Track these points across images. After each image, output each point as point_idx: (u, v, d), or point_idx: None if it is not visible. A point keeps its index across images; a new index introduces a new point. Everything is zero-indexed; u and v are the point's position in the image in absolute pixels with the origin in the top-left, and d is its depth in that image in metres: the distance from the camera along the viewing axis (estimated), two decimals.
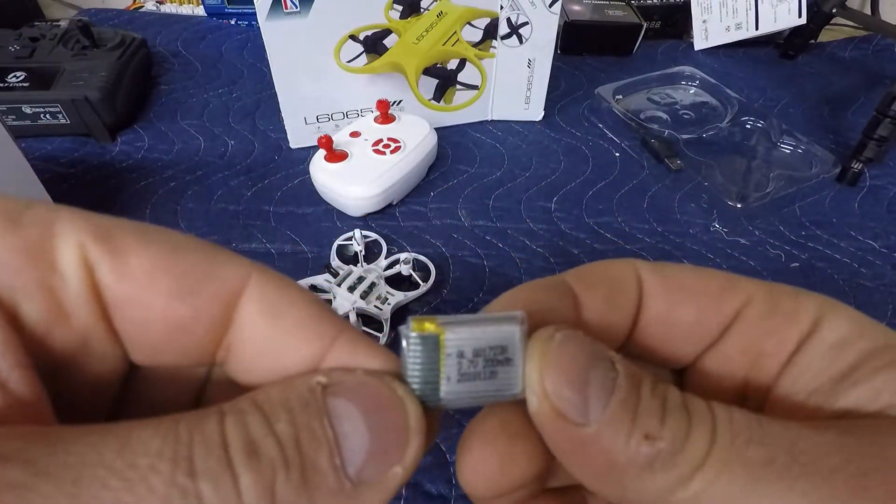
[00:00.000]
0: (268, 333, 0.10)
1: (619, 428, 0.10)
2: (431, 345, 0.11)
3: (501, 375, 0.11)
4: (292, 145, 0.49)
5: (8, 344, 0.09)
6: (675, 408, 0.11)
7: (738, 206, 0.43)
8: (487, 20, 0.46)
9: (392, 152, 0.42)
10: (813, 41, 0.67)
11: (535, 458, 0.12)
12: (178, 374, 0.12)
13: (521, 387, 0.12)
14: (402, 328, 0.11)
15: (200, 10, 0.70)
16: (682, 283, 0.13)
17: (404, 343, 0.11)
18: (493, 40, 0.47)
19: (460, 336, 0.11)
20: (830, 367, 0.12)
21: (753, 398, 0.13)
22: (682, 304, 0.13)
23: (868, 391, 0.11)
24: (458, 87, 0.50)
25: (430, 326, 0.11)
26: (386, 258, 0.39)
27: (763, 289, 0.13)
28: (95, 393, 0.10)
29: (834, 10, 0.63)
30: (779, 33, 0.67)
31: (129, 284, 0.09)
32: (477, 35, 0.47)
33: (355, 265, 0.38)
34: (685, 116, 0.55)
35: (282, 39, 0.42)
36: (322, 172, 0.42)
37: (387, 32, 0.45)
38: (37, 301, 0.09)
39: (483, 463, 0.12)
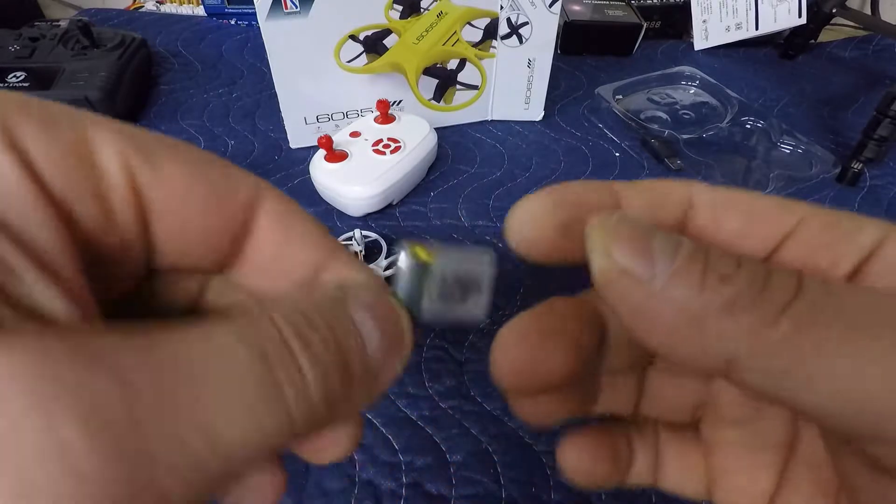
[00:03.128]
0: (280, 241, 0.11)
1: (689, 276, 0.10)
2: (421, 269, 0.13)
3: (471, 301, 0.14)
4: (292, 145, 0.49)
5: (66, 248, 0.09)
6: (751, 260, 0.10)
7: None
8: (487, 20, 0.46)
9: (392, 152, 0.42)
10: (813, 41, 0.67)
11: (568, 355, 0.13)
12: (184, 279, 0.12)
13: (485, 313, 0.14)
14: (401, 251, 0.13)
15: (200, 10, 0.70)
16: (733, 199, 0.13)
17: (401, 264, 0.13)
18: (493, 40, 0.47)
19: (444, 265, 0.13)
20: (892, 284, 0.11)
21: None
22: (728, 218, 0.12)
23: None
24: (458, 87, 0.50)
25: (422, 254, 0.13)
26: (386, 258, 0.39)
27: (822, 211, 0.12)
28: (116, 294, 0.11)
29: (834, 10, 0.63)
30: (779, 33, 0.67)
31: (168, 191, 0.10)
32: (477, 35, 0.47)
33: None
34: (685, 116, 0.55)
35: (282, 39, 0.42)
36: (322, 172, 0.42)
37: (387, 32, 0.45)
38: (88, 205, 0.09)
39: (516, 356, 0.13)
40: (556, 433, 0.30)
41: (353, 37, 0.44)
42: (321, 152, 0.42)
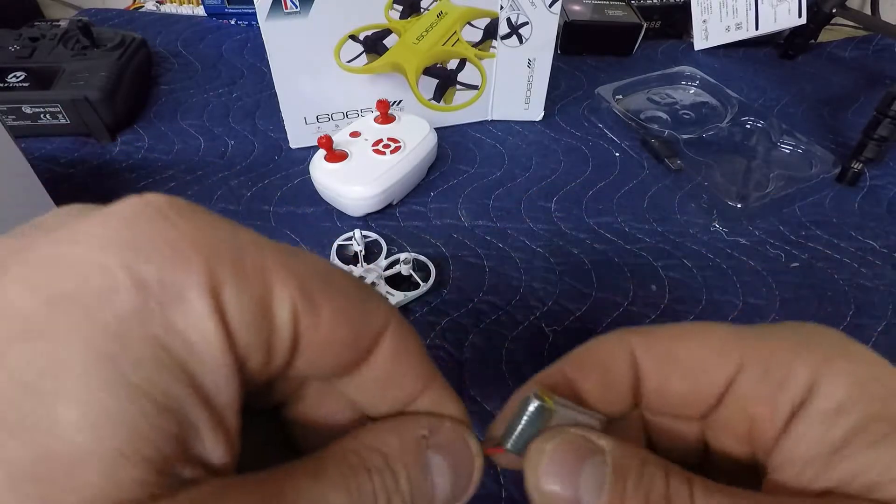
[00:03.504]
0: (393, 364, 0.13)
1: None
2: (547, 415, 0.13)
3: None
4: (292, 145, 0.49)
5: (237, 398, 0.10)
6: (657, 500, 0.12)
7: (738, 206, 0.43)
8: (487, 20, 0.46)
9: (392, 152, 0.42)
10: (813, 41, 0.67)
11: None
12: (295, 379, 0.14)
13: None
14: (530, 396, 0.14)
15: (200, 10, 0.70)
16: (674, 355, 0.14)
17: (531, 407, 0.14)
18: (493, 40, 0.47)
19: (563, 414, 0.14)
20: (824, 438, 0.12)
21: (761, 460, 0.14)
22: (674, 380, 0.14)
23: (854, 467, 0.11)
24: (458, 87, 0.50)
25: (549, 402, 0.14)
26: (386, 258, 0.39)
27: (757, 352, 0.13)
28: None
29: (834, 10, 0.63)
30: (779, 33, 0.67)
31: (321, 333, 0.11)
32: (477, 35, 0.47)
33: (355, 265, 0.38)
34: (685, 116, 0.55)
35: (282, 39, 0.42)
36: (322, 172, 0.42)
37: (387, 32, 0.45)
38: (259, 356, 0.10)
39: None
40: None
41: (353, 37, 0.44)
42: (321, 152, 0.42)
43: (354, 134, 0.44)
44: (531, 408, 0.13)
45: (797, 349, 0.13)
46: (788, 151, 0.50)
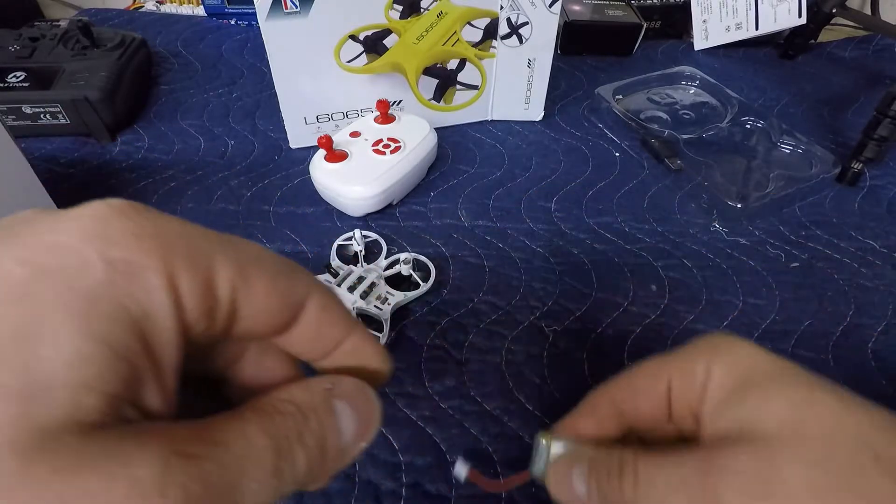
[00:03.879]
0: (317, 324, 0.16)
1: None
2: (548, 446, 0.21)
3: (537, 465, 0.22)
4: (292, 145, 0.49)
5: (179, 361, 0.13)
6: (614, 468, 0.18)
7: (738, 206, 0.43)
8: (487, 20, 0.46)
9: (392, 152, 0.42)
10: (813, 41, 0.67)
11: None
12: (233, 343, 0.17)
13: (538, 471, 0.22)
14: (543, 441, 0.21)
15: (200, 10, 0.70)
16: (635, 388, 0.21)
17: (554, 451, 0.21)
18: (493, 40, 0.47)
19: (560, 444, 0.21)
20: (715, 403, 0.18)
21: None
22: (636, 407, 0.21)
23: (733, 415, 0.17)
24: (458, 87, 0.50)
25: (548, 438, 0.21)
26: (386, 258, 0.39)
27: (674, 366, 0.19)
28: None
29: (834, 10, 0.63)
30: (779, 33, 0.67)
31: (254, 306, 0.14)
32: (477, 35, 0.47)
33: (355, 265, 0.38)
34: (685, 116, 0.55)
35: (282, 39, 0.42)
36: (322, 172, 0.42)
37: (387, 32, 0.45)
38: (203, 322, 0.13)
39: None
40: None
41: (353, 37, 0.44)
42: (321, 152, 0.42)
43: (354, 134, 0.44)
44: (541, 444, 0.21)
45: (697, 355, 0.19)
46: (788, 151, 0.50)
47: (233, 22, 0.68)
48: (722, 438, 0.17)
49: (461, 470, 0.22)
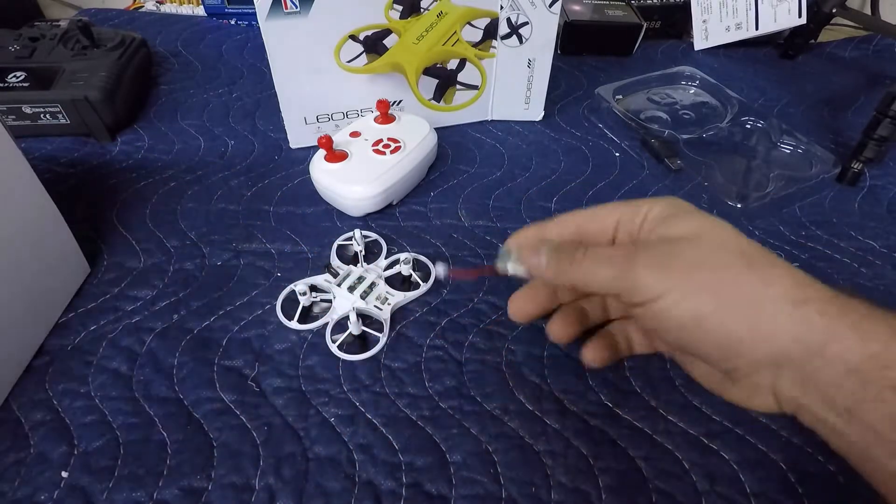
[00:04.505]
0: None
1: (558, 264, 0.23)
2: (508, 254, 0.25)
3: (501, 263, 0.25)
4: (292, 145, 0.49)
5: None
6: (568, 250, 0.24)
7: (738, 206, 0.43)
8: (487, 20, 0.46)
9: (392, 152, 0.42)
10: (813, 41, 0.67)
11: (546, 301, 0.27)
12: None
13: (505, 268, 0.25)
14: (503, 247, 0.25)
15: (200, 10, 0.70)
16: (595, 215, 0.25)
17: (501, 250, 0.25)
18: (493, 40, 0.47)
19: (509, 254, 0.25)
20: (649, 227, 0.23)
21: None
22: (591, 229, 0.25)
23: (658, 233, 0.23)
24: (458, 87, 0.50)
25: (507, 249, 0.25)
26: (386, 258, 0.39)
27: (626, 207, 0.24)
28: None
29: (834, 10, 0.63)
30: (779, 33, 0.67)
31: None
32: (477, 35, 0.47)
33: (355, 265, 0.38)
34: (685, 116, 0.55)
35: (282, 39, 0.42)
36: (322, 172, 0.42)
37: (387, 32, 0.45)
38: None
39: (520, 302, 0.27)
40: (552, 436, 0.30)
41: (353, 37, 0.44)
42: (321, 152, 0.42)
43: (354, 134, 0.44)
44: (502, 251, 0.25)
45: (644, 201, 0.24)
46: (788, 151, 0.50)
47: (233, 22, 0.68)
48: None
49: (441, 270, 0.27)
